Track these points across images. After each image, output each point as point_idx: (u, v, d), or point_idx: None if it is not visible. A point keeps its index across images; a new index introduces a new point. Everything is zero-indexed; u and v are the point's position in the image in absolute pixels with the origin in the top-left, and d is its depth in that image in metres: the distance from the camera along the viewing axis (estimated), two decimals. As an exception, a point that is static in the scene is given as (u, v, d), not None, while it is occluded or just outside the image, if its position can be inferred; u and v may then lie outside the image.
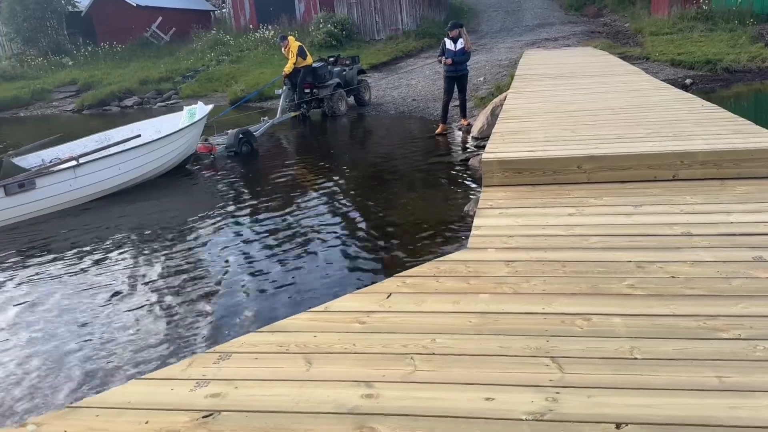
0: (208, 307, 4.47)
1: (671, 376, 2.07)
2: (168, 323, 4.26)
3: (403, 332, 2.51)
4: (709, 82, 13.01)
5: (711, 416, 1.85)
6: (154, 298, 4.73)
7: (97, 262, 5.61)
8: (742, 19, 17.53)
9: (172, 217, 7.01)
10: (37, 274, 5.45)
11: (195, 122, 9.09)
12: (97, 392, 2.80)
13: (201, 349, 3.72)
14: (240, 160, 9.69)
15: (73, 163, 7.57)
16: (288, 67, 12.61)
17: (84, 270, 5.45)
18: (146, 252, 5.79)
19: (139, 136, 8.59)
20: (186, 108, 9.77)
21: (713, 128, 5.22)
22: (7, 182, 7.08)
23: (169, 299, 4.68)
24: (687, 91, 9.22)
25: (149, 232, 6.38)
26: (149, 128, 9.27)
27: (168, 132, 8.74)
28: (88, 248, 6.01)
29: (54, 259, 5.78)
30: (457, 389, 2.09)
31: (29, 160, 8.34)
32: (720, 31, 16.99)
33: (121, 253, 5.81)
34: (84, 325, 4.35)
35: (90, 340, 4.11)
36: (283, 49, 12.99)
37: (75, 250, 5.98)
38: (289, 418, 1.99)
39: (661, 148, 4.62)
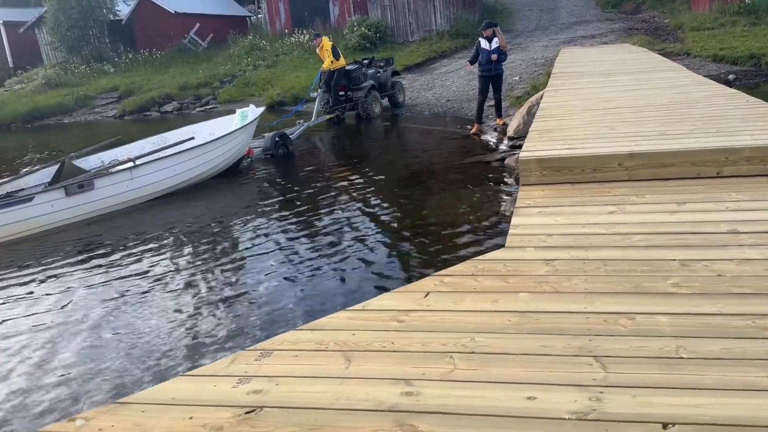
0: (249, 306, 4.54)
1: (719, 375, 2.02)
2: (211, 322, 4.34)
3: (441, 331, 2.50)
4: (753, 78, 12.62)
5: (761, 416, 1.79)
6: (197, 297, 4.82)
7: (144, 262, 5.75)
8: (788, 11, 16.99)
9: (217, 217, 7.12)
10: (89, 272, 5.61)
11: (246, 124, 9.23)
12: (144, 389, 2.86)
13: (243, 346, 3.77)
14: (276, 163, 9.81)
15: (130, 164, 7.78)
16: (326, 65, 12.70)
17: (131, 269, 5.59)
18: (191, 252, 5.91)
19: (192, 138, 8.77)
20: (238, 110, 9.96)
21: (759, 123, 5.07)
22: (67, 183, 7.30)
23: (212, 298, 4.76)
24: (730, 86, 8.95)
25: (194, 232, 6.52)
26: (203, 130, 9.47)
27: (221, 134, 8.89)
28: (137, 249, 6.16)
29: (104, 258, 5.95)
30: (498, 388, 2.07)
31: (90, 162, 8.59)
32: (763, 25, 16.47)
33: (167, 253, 5.94)
34: (129, 323, 4.46)
35: (135, 338, 4.21)
36: (317, 49, 13.08)
37: (123, 251, 6.14)
38: (329, 414, 2.00)
39: (705, 144, 4.50)
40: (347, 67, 13.07)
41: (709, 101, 6.45)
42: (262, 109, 10.12)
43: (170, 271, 5.46)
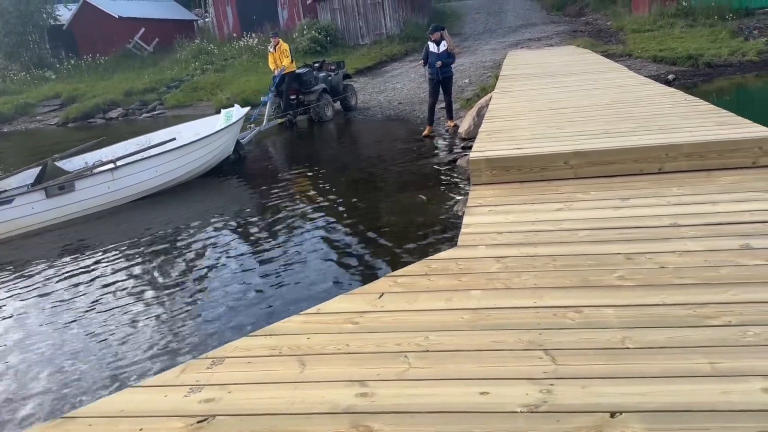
0: (200, 313, 4.45)
1: (664, 364, 2.09)
2: (160, 330, 4.24)
3: (396, 331, 2.51)
4: (692, 77, 13.14)
5: (704, 402, 1.86)
6: (146, 306, 4.71)
7: (94, 270, 5.60)
8: (722, 14, 17.73)
9: (170, 223, 6.96)
10: (34, 282, 5.41)
11: (230, 125, 9.17)
12: (92, 401, 2.77)
13: (194, 355, 3.70)
14: (227, 168, 9.64)
15: (111, 166, 7.75)
16: (288, 65, 12.64)
17: (81, 278, 5.43)
18: (140, 260, 5.76)
19: (174, 139, 8.70)
20: (223, 111, 9.97)
21: (697, 121, 5.27)
22: (48, 184, 7.31)
23: (161, 306, 4.66)
24: (670, 86, 9.29)
25: (149, 239, 6.36)
26: (187, 131, 9.43)
27: (204, 134, 8.83)
28: (90, 257, 6.01)
29: (49, 267, 5.75)
30: (452, 385, 2.09)
31: (74, 163, 8.55)
32: (700, 26, 17.17)
33: (117, 261, 5.80)
34: (75, 334, 4.31)
35: (82, 350, 4.08)
36: (271, 47, 12.91)
37: (76, 259, 5.99)
38: (283, 419, 1.98)
39: (647, 141, 4.65)
40: (298, 71, 13.00)
41: (650, 100, 6.67)
42: (247, 109, 10.10)
43: (115, 279, 5.31)
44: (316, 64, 14.14)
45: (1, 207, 6.90)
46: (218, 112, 16.79)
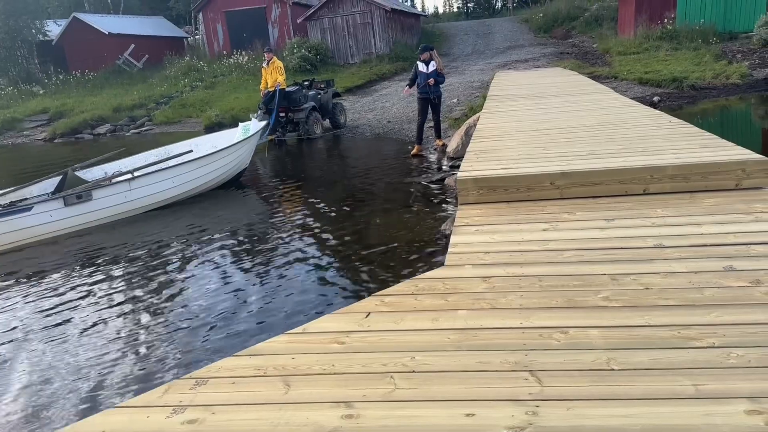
0: (183, 332, 4.40)
1: (648, 385, 2.09)
2: (142, 349, 4.18)
3: (382, 351, 2.50)
4: (676, 99, 13.34)
5: (687, 424, 1.87)
6: (125, 323, 4.65)
7: (84, 286, 5.54)
8: (706, 37, 18.11)
9: (160, 240, 6.91)
10: (25, 291, 5.34)
11: (245, 138, 9.29)
12: (72, 423, 2.72)
13: (177, 375, 3.66)
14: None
15: (128, 176, 7.91)
16: (283, 82, 12.85)
17: (66, 294, 5.36)
18: (129, 278, 5.70)
19: (191, 151, 8.87)
20: (241, 124, 10.15)
21: (681, 143, 5.35)
22: (66, 193, 7.47)
23: (142, 324, 4.60)
24: (655, 108, 9.43)
25: (132, 255, 6.30)
26: (206, 143, 9.60)
27: (218, 147, 8.97)
28: (82, 270, 5.95)
29: (43, 281, 5.70)
30: (438, 406, 2.08)
31: (93, 173, 8.70)
32: (685, 49, 17.49)
33: (107, 277, 5.75)
34: (58, 352, 4.25)
35: (64, 368, 4.01)
36: (265, 63, 13.05)
37: (67, 273, 5.93)
38: (268, 441, 1.96)
39: (632, 163, 4.71)
40: (288, 89, 13.07)
41: (635, 122, 6.76)
42: (263, 123, 10.32)
43: (102, 296, 5.25)
44: (306, 83, 14.22)
45: (21, 214, 7.09)
46: (207, 129, 16.97)
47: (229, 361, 2.55)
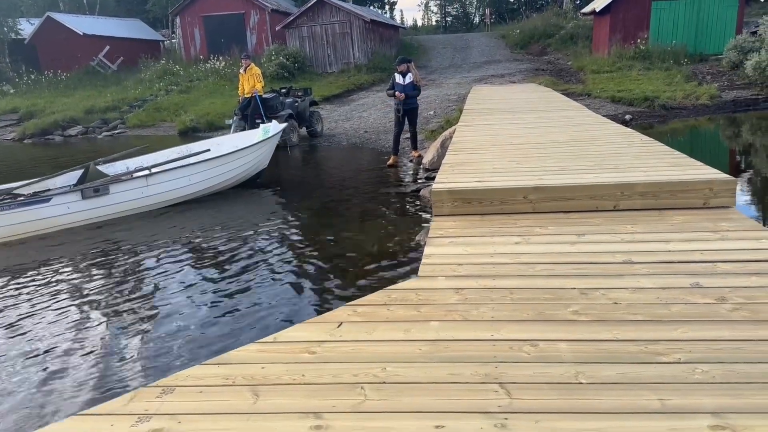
0: (151, 339, 4.33)
1: (615, 400, 2.12)
2: (107, 356, 4.10)
3: (353, 361, 2.49)
4: (648, 118, 13.63)
5: (653, 438, 1.89)
6: (94, 330, 4.55)
7: (62, 284, 5.42)
8: (677, 58, 18.58)
9: (126, 246, 6.80)
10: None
11: (264, 139, 9.44)
12: (31, 430, 2.65)
13: (143, 382, 3.59)
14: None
15: (146, 172, 8.13)
16: (261, 89, 12.95)
17: (35, 293, 5.22)
18: (101, 280, 5.60)
19: (208, 150, 9.06)
20: (261, 126, 10.42)
21: (652, 161, 5.45)
22: (84, 186, 7.76)
23: (111, 332, 4.51)
24: (627, 126, 9.61)
25: (112, 257, 6.18)
26: (227, 143, 9.86)
27: (237, 148, 9.14)
28: (59, 269, 5.79)
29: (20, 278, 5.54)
30: (408, 418, 2.07)
31: (116, 167, 8.91)
32: (657, 69, 17.91)
33: (80, 278, 5.66)
34: (18, 356, 4.14)
35: (23, 372, 3.91)
36: (242, 69, 13.02)
37: (42, 272, 5.77)
38: (235, 451, 1.93)
39: (603, 179, 4.78)
40: (265, 96, 13.02)
41: (607, 139, 6.88)
42: (284, 125, 10.48)
43: (69, 298, 5.14)
44: (283, 90, 14.18)
45: (41, 205, 7.37)
46: (181, 133, 16.81)
47: (197, 370, 2.51)
